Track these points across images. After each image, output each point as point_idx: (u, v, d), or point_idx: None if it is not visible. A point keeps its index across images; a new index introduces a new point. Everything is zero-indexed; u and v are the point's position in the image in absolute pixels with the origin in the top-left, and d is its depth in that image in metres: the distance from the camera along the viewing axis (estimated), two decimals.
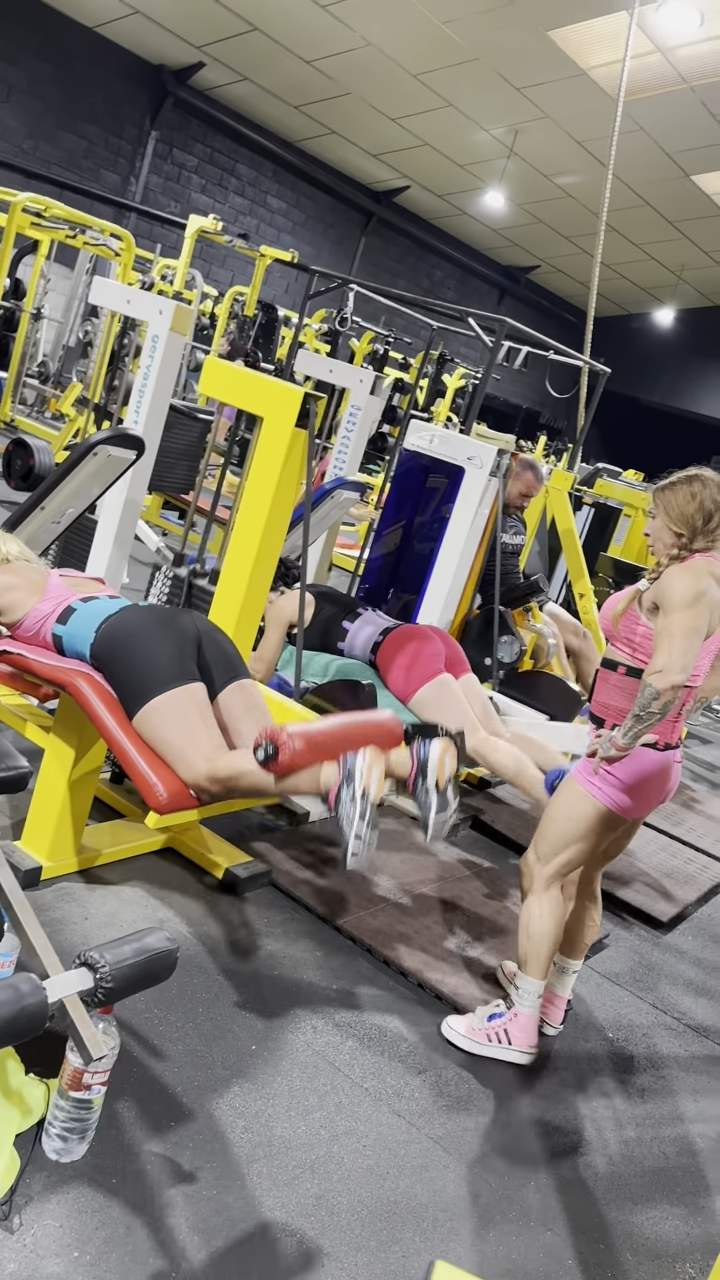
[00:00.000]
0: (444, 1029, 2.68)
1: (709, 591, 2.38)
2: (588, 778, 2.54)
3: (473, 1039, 2.64)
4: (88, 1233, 1.78)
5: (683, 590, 2.36)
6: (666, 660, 2.32)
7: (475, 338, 5.05)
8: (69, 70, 13.60)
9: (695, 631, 2.34)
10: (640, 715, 2.36)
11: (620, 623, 2.53)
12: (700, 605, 2.35)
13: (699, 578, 2.38)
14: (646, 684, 2.34)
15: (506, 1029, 2.63)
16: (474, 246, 20.37)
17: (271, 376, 3.24)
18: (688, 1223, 2.30)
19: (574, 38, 11.84)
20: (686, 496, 2.47)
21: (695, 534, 2.46)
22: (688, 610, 2.35)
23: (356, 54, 13.16)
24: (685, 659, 2.32)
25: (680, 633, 2.33)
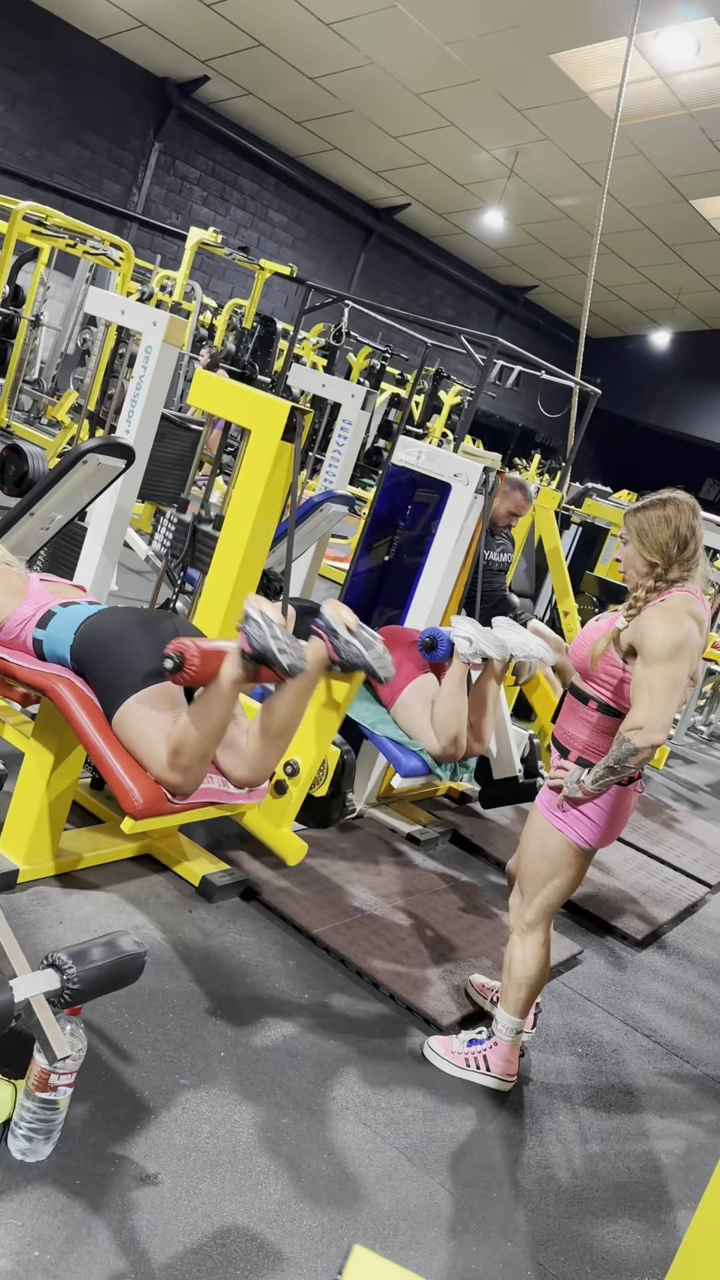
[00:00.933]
0: (425, 1050, 2.68)
1: (690, 637, 2.28)
2: (553, 813, 2.50)
3: (452, 1062, 2.65)
4: (49, 1232, 1.80)
5: (663, 639, 2.26)
6: (647, 716, 2.23)
7: (470, 355, 5.10)
8: (74, 80, 13.71)
9: (676, 685, 2.25)
10: (614, 768, 2.29)
11: (599, 665, 2.42)
12: (681, 656, 2.26)
13: (679, 623, 2.28)
14: (625, 739, 2.26)
15: (486, 1056, 2.63)
16: (473, 265, 20.52)
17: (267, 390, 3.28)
18: (648, 1237, 2.31)
19: (575, 61, 11.98)
20: (660, 522, 2.35)
21: (670, 563, 2.34)
22: (668, 663, 2.25)
23: (360, 72, 13.29)
24: (666, 715, 2.23)
25: (662, 687, 2.24)
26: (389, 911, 3.32)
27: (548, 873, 2.54)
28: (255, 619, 2.32)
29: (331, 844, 3.68)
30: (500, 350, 4.75)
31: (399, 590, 4.48)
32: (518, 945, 2.61)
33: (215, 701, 2.36)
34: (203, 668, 2.34)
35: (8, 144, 13.32)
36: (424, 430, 13.93)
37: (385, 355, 14.13)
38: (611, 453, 23.66)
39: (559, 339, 22.15)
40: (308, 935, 3.02)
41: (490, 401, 19.96)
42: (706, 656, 7.46)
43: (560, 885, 2.56)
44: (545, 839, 2.53)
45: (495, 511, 4.67)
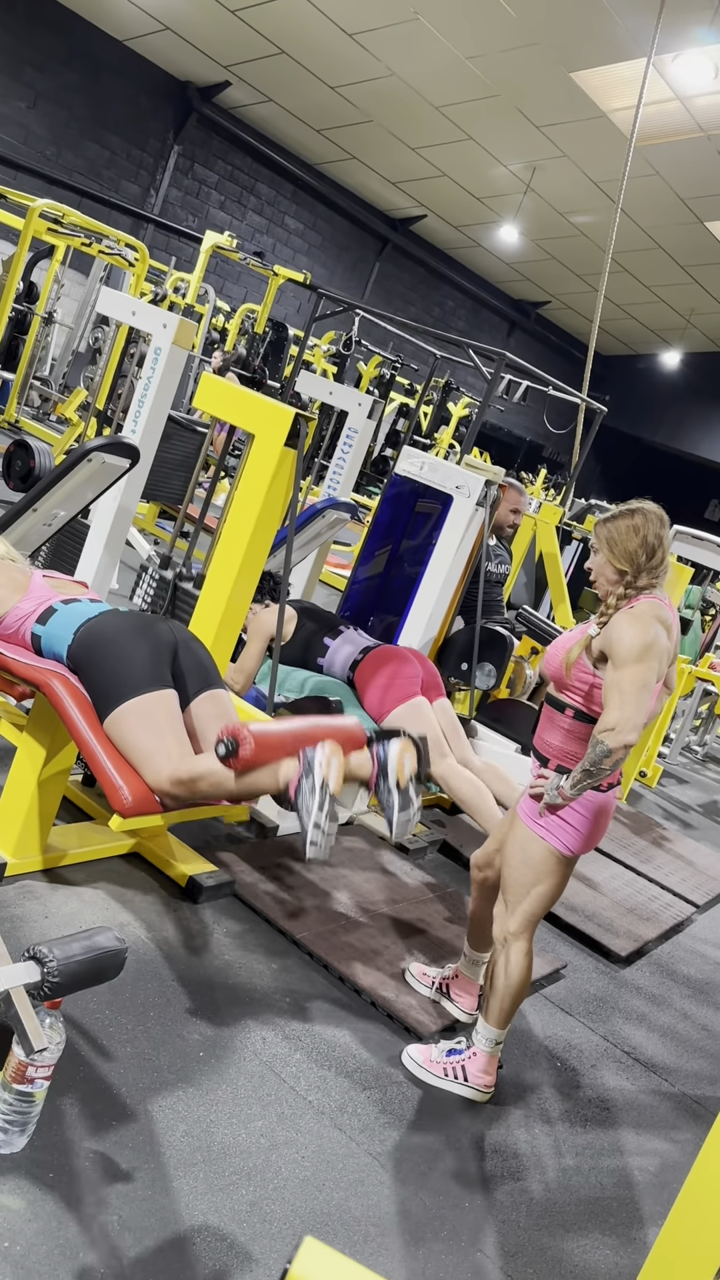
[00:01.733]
0: (404, 1058, 2.69)
1: (658, 641, 2.35)
2: (534, 821, 2.53)
3: (431, 1071, 2.65)
4: (20, 1225, 1.81)
5: (631, 642, 2.33)
6: (619, 718, 2.29)
7: (478, 368, 5.13)
8: (96, 81, 13.78)
9: (645, 686, 2.32)
10: (590, 770, 2.34)
11: (573, 672, 2.48)
12: (650, 658, 2.33)
13: (647, 626, 2.35)
14: (599, 741, 2.31)
15: (464, 1066, 2.64)
16: (486, 278, 20.58)
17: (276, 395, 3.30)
18: (618, 1253, 2.32)
19: (595, 80, 12.03)
20: (628, 531, 2.42)
21: (639, 570, 2.42)
22: (637, 665, 2.31)
23: (381, 83, 13.35)
24: (637, 716, 2.30)
25: (631, 689, 2.31)
26: (374, 919, 3.33)
27: (531, 880, 2.56)
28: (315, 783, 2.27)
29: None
30: (508, 364, 4.78)
31: (398, 598, 4.51)
32: (502, 957, 2.62)
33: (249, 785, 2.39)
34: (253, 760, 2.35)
35: (28, 142, 13.38)
36: (431, 441, 13.97)
37: (395, 365, 14.17)
38: (617, 470, 23.69)
39: (569, 355, 22.20)
40: (291, 939, 3.03)
41: (498, 415, 20.04)
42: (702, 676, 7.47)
43: (544, 893, 2.57)
44: (528, 847, 2.55)
45: (498, 516, 4.69)
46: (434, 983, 2.99)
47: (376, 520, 4.57)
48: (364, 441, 5.52)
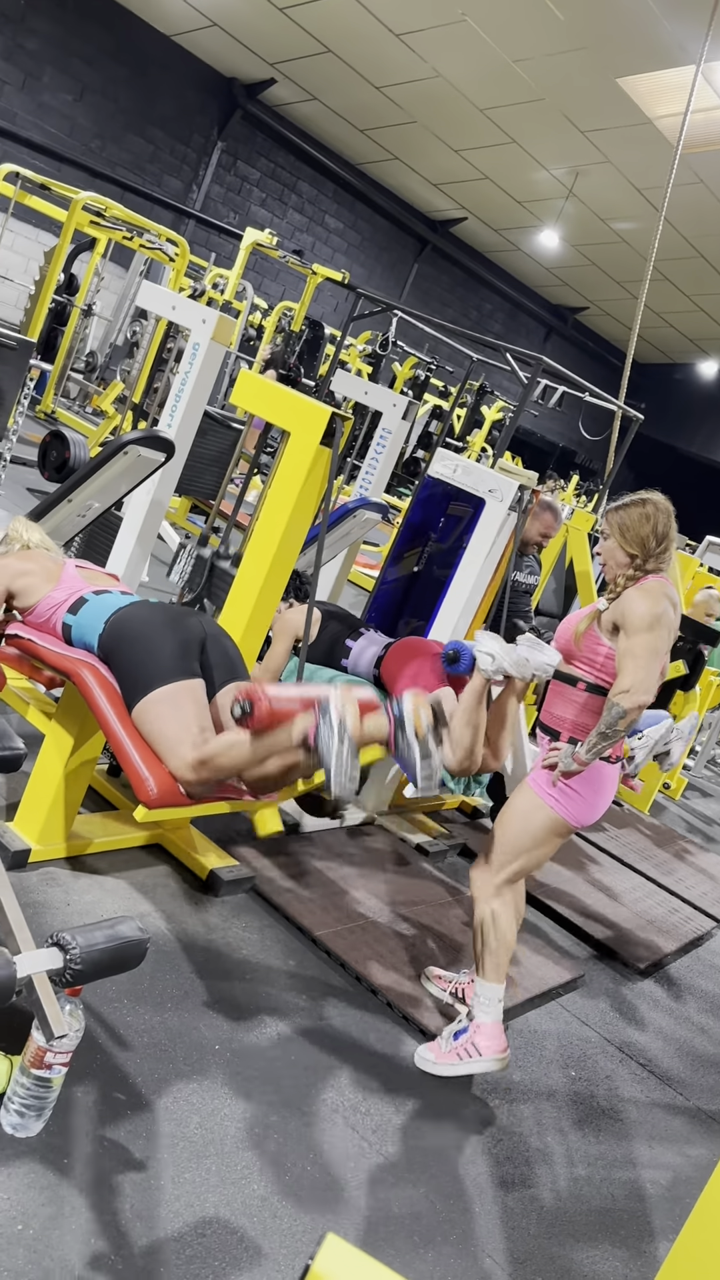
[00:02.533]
0: (417, 1061, 2.69)
1: (666, 613, 2.51)
2: (545, 789, 2.62)
3: (444, 1063, 2.66)
4: (34, 1208, 1.82)
5: (643, 612, 2.49)
6: (633, 680, 2.45)
7: (514, 372, 5.12)
8: (143, 75, 13.86)
9: (656, 652, 2.48)
10: (606, 733, 2.47)
11: (582, 642, 2.61)
12: (660, 627, 2.49)
13: (658, 600, 2.51)
14: (614, 704, 2.45)
15: (474, 1042, 2.67)
16: (525, 283, 20.52)
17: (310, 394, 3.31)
18: (627, 1265, 2.31)
19: (642, 87, 11.96)
20: (640, 518, 2.58)
21: (648, 555, 2.57)
22: (649, 633, 2.47)
23: (426, 84, 13.34)
24: (650, 679, 2.45)
25: (644, 654, 2.46)
26: (392, 920, 3.33)
27: (528, 844, 2.65)
28: (333, 724, 2.31)
29: (340, 849, 3.70)
30: (545, 369, 4.76)
31: (426, 601, 4.50)
32: (487, 909, 2.69)
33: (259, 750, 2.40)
34: (268, 722, 2.36)
35: (74, 134, 13.48)
36: (464, 444, 13.94)
37: (430, 366, 14.16)
38: (650, 478, 23.29)
39: (606, 361, 22.09)
40: (310, 937, 3.04)
41: (532, 420, 19.96)
42: None
43: (538, 857, 2.68)
44: (532, 813, 2.63)
45: (526, 533, 4.67)
46: (450, 988, 2.98)
47: (407, 522, 4.56)
48: (397, 442, 5.51)
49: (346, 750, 2.29)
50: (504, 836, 2.68)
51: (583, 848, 4.87)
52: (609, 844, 5.04)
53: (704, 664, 6.04)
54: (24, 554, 3.00)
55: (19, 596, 2.89)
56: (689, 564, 6.52)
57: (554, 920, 3.96)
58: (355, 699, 2.41)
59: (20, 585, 2.88)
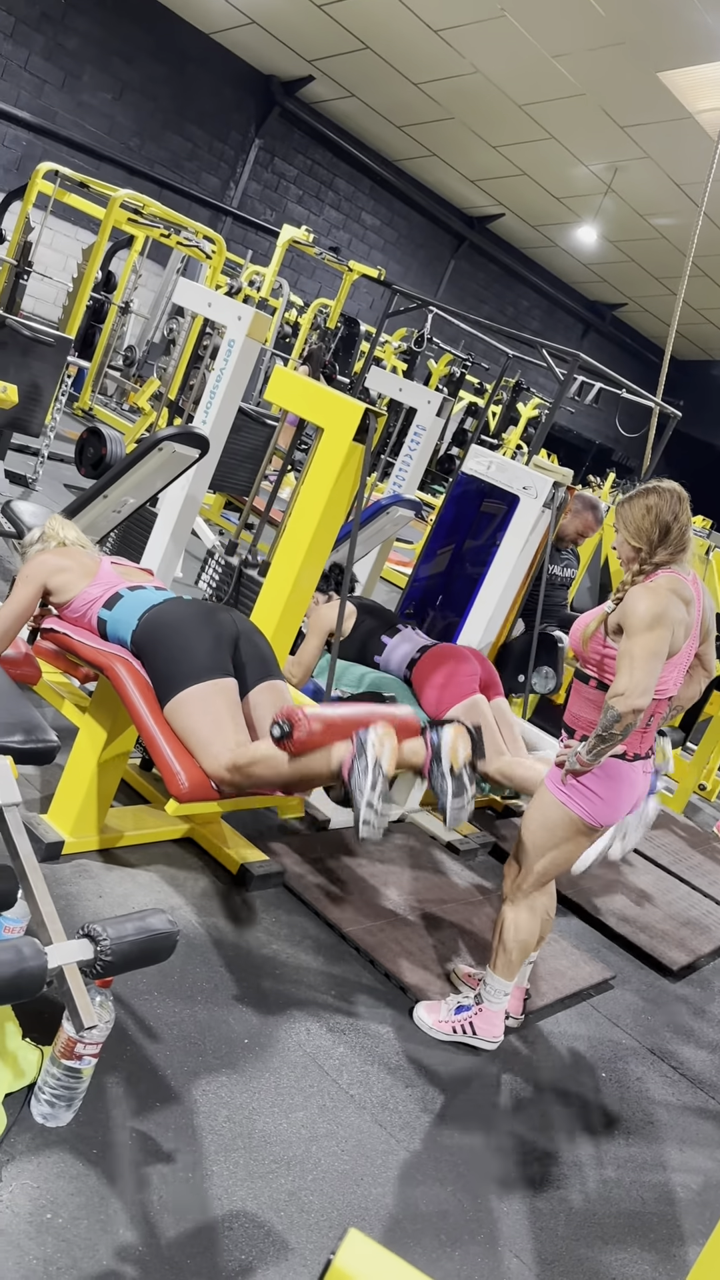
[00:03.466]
0: (414, 1017, 2.77)
1: (669, 611, 2.42)
2: (558, 787, 2.60)
3: (439, 1030, 2.74)
4: (63, 1198, 1.84)
5: (643, 612, 2.40)
6: (628, 684, 2.37)
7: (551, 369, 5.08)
8: (182, 73, 13.92)
9: (655, 654, 2.39)
10: (603, 736, 2.42)
11: (590, 645, 2.58)
12: (660, 628, 2.39)
13: (660, 598, 2.42)
14: (609, 706, 2.40)
15: (471, 1022, 2.73)
16: (562, 279, 20.39)
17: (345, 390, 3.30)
18: (656, 1269, 2.29)
19: (683, 81, 11.83)
20: (642, 510, 2.50)
21: (653, 547, 2.49)
22: (647, 634, 2.39)
23: (465, 80, 13.29)
24: (646, 682, 2.37)
25: (641, 656, 2.38)
26: (422, 918, 3.33)
27: (548, 844, 2.63)
28: (369, 763, 2.29)
29: (370, 846, 3.70)
30: (582, 365, 4.73)
31: (459, 599, 4.49)
32: (510, 911, 2.71)
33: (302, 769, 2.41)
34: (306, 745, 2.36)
35: (113, 132, 13.57)
36: (499, 441, 13.88)
37: (466, 363, 14.11)
38: (688, 476, 23.10)
39: (644, 358, 21.90)
40: (339, 933, 3.04)
41: (568, 417, 19.85)
42: None
43: (558, 858, 2.65)
44: (549, 812, 2.61)
45: (564, 529, 4.64)
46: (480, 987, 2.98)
47: (441, 519, 4.55)
48: (431, 439, 5.49)
49: (379, 794, 2.27)
50: (527, 836, 2.68)
51: None
52: (642, 845, 4.99)
53: None
54: (61, 550, 3.02)
55: (56, 593, 2.91)
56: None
57: (586, 921, 3.94)
58: (394, 736, 2.36)
59: (57, 581, 2.91)
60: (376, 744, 2.31)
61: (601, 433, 22.63)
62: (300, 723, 2.34)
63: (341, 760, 2.37)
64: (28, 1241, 1.73)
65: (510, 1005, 2.93)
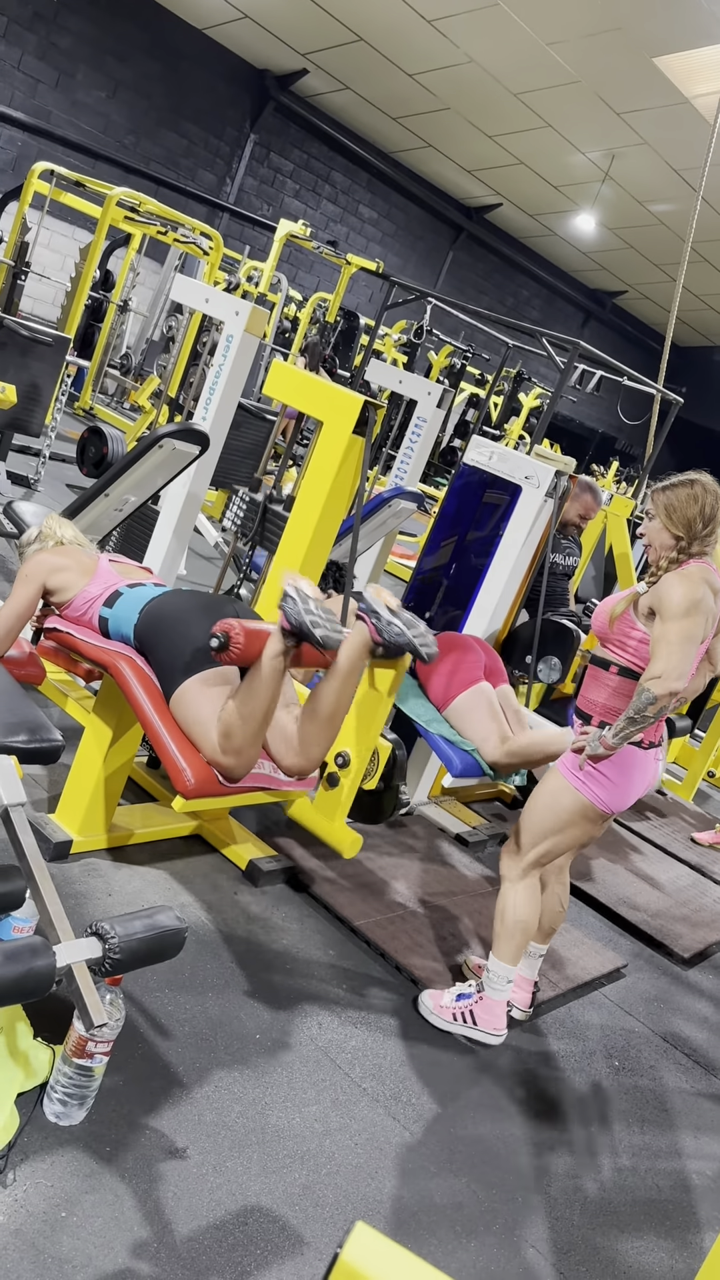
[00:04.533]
0: (417, 1005, 2.78)
1: (705, 599, 2.45)
2: (572, 772, 2.59)
3: (440, 1017, 2.73)
4: (77, 1196, 1.84)
5: (679, 598, 2.42)
6: (665, 667, 2.39)
7: (551, 358, 5.06)
8: (176, 70, 13.89)
9: (691, 639, 2.42)
10: (634, 718, 2.43)
11: (616, 625, 2.57)
12: (697, 614, 2.43)
13: (696, 585, 2.44)
14: (644, 689, 2.40)
15: (472, 1010, 2.72)
16: (561, 268, 20.32)
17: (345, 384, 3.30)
18: (673, 1256, 2.29)
19: (679, 65, 11.77)
20: (688, 499, 2.51)
21: (694, 538, 2.51)
22: (684, 619, 2.41)
23: (459, 70, 13.24)
24: (683, 666, 2.40)
25: (678, 640, 2.40)
26: (432, 910, 3.33)
27: (553, 828, 2.63)
28: (291, 595, 2.38)
29: (379, 839, 3.69)
30: (582, 354, 4.71)
31: (463, 590, 4.47)
32: (509, 892, 2.71)
33: (258, 682, 2.41)
34: (247, 647, 2.40)
35: (107, 130, 13.55)
36: (501, 431, 13.85)
37: (466, 355, 14.08)
38: (692, 463, 23.00)
39: (645, 346, 21.83)
40: (349, 927, 3.04)
41: (570, 406, 19.79)
42: None
43: (561, 841, 2.65)
44: (560, 797, 2.61)
45: (565, 514, 4.63)
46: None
47: (443, 511, 4.53)
48: (432, 431, 5.48)
49: (314, 605, 2.35)
50: (531, 819, 2.68)
51: (626, 837, 4.83)
52: (652, 833, 4.98)
53: None
54: (59, 550, 3.02)
55: (56, 592, 2.91)
56: None
57: (596, 910, 3.93)
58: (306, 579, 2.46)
59: (57, 581, 2.90)
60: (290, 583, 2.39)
61: (604, 421, 22.57)
62: (233, 627, 2.39)
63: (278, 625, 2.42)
64: (43, 1240, 1.73)
65: (518, 998, 2.93)
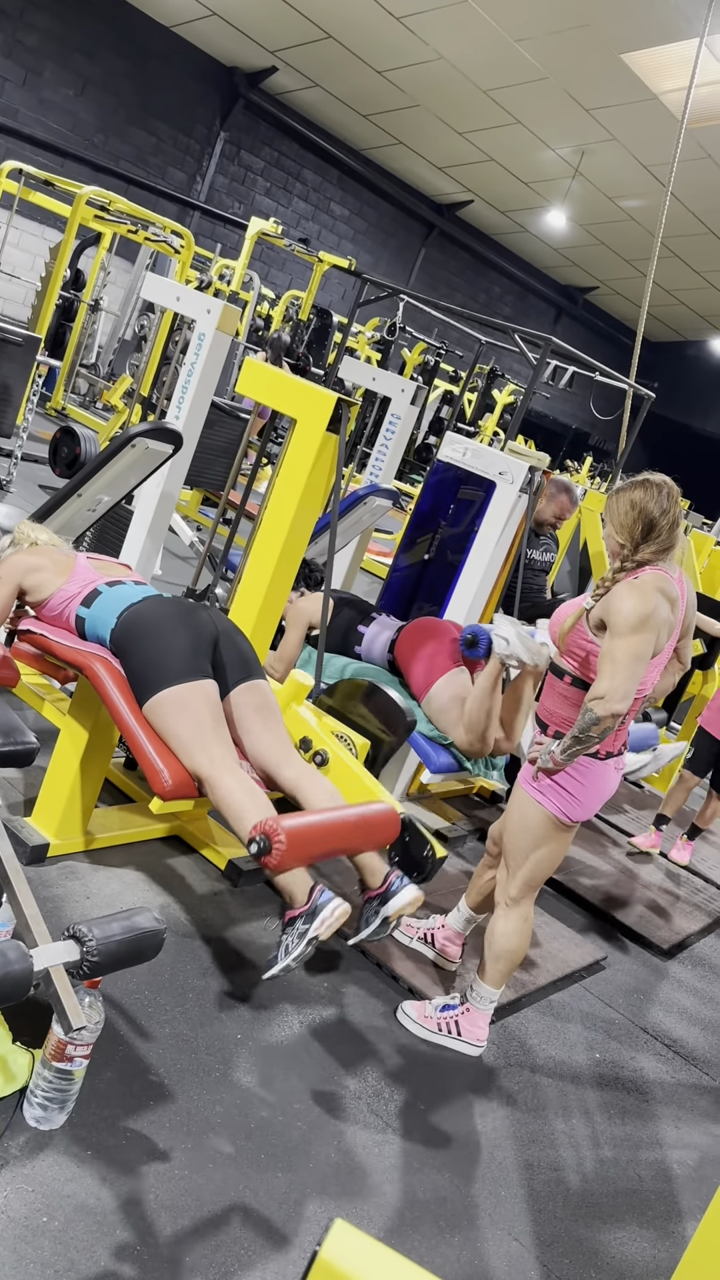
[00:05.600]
0: (399, 1014, 2.75)
1: (656, 612, 2.34)
2: (531, 785, 2.57)
3: (424, 1026, 2.71)
4: (58, 1200, 1.83)
5: (628, 612, 2.32)
6: (609, 687, 2.30)
7: (524, 354, 5.08)
8: (144, 68, 13.81)
9: (638, 659, 2.32)
10: (580, 738, 2.36)
11: (568, 637, 2.51)
12: (645, 631, 2.32)
13: (646, 598, 2.33)
14: (588, 709, 2.33)
15: (457, 1021, 2.71)
16: (533, 264, 20.38)
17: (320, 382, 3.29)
18: (655, 1246, 2.30)
19: (646, 62, 11.83)
20: (627, 505, 2.41)
21: (636, 544, 2.41)
22: (632, 636, 2.31)
23: (428, 67, 13.24)
24: (628, 686, 2.30)
25: (624, 660, 2.30)
26: None
27: (530, 846, 2.59)
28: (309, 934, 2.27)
29: None
30: (554, 350, 4.72)
31: (439, 586, 4.48)
32: (501, 919, 2.68)
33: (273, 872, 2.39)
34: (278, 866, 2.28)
35: (76, 129, 13.46)
36: (476, 428, 13.88)
37: (440, 351, 14.10)
38: (665, 458, 23.33)
39: (618, 341, 21.94)
40: None
41: (544, 402, 19.86)
42: None
43: (542, 859, 2.61)
44: (526, 812, 2.58)
45: (541, 513, 4.65)
46: (419, 934, 3.06)
47: (419, 508, 4.54)
48: (407, 428, 5.48)
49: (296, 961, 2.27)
50: (509, 841, 2.64)
51: (604, 830, 4.85)
52: (630, 826, 5.01)
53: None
54: (34, 550, 3.00)
55: (31, 592, 2.89)
56: (704, 542, 6.45)
57: (575, 903, 3.95)
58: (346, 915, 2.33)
59: (32, 580, 2.88)
60: (326, 919, 2.28)
61: (578, 417, 22.67)
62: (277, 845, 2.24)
63: (292, 896, 2.32)
64: (25, 1246, 1.72)
65: (450, 951, 3.00)
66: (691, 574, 6.00)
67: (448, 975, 2.99)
